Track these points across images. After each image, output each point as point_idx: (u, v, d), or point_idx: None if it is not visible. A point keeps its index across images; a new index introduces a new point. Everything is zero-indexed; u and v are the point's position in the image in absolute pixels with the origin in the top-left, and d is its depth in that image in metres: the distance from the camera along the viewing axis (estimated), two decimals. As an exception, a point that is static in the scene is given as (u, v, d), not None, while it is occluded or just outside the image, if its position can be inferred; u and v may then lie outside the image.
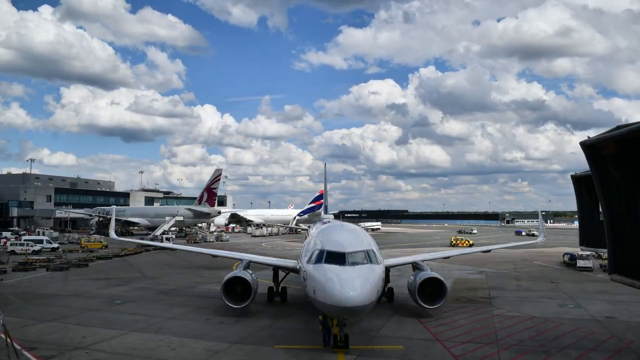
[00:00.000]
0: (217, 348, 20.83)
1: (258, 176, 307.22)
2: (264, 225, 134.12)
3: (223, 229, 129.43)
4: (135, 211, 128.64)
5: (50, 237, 79.92)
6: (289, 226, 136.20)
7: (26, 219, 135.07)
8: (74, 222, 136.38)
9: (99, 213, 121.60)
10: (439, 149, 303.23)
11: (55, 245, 70.83)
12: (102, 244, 74.98)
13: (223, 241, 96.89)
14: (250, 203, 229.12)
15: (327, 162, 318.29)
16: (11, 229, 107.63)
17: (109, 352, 20.13)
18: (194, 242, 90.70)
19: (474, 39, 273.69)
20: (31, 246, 64.93)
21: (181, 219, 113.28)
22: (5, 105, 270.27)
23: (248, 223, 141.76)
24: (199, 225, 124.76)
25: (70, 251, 69.29)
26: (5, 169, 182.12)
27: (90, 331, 23.52)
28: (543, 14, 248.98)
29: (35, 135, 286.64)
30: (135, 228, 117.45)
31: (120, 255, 62.24)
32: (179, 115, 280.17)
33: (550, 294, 34.56)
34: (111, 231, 48.29)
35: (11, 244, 66.79)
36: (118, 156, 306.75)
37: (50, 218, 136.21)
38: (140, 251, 68.40)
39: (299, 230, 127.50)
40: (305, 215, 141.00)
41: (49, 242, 71.11)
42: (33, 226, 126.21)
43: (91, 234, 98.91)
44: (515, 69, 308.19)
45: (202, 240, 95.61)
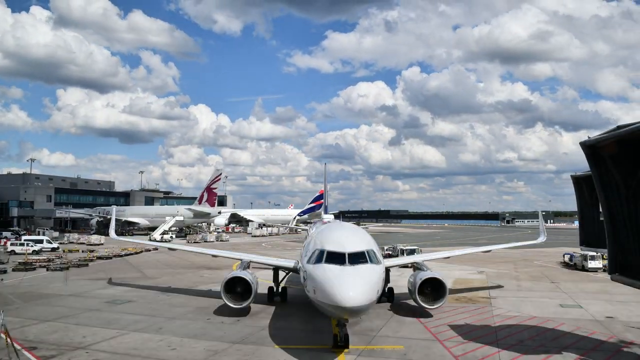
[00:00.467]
0: (217, 348, 20.84)
1: (256, 176, 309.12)
2: (264, 225, 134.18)
3: (223, 228, 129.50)
4: (135, 211, 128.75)
5: (50, 237, 79.99)
6: (289, 226, 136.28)
7: (26, 219, 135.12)
8: (74, 222, 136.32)
9: (99, 213, 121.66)
10: (434, 150, 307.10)
11: (55, 245, 70.93)
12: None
13: (223, 241, 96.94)
14: (250, 203, 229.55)
15: (324, 163, 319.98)
16: (11, 229, 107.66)
17: (109, 352, 20.13)
18: (194, 242, 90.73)
19: (457, 44, 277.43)
20: (31, 246, 65.01)
21: (181, 219, 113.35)
22: (5, 107, 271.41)
23: (248, 223, 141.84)
24: (199, 225, 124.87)
25: (70, 251, 69.36)
26: (5, 169, 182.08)
27: (91, 331, 23.52)
28: (521, 20, 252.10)
29: (34, 136, 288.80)
30: (135, 228, 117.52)
31: (121, 255, 62.29)
32: (176, 117, 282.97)
33: (550, 294, 34.56)
34: (111, 231, 48.28)
35: (11, 244, 66.80)
36: (116, 156, 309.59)
37: (50, 218, 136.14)
38: (141, 251, 68.47)
39: (299, 230, 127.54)
40: (305, 215, 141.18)
41: (49, 242, 71.21)
42: (33, 226, 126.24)
43: (91, 234, 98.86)
44: (499, 71, 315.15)
45: (202, 240, 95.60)
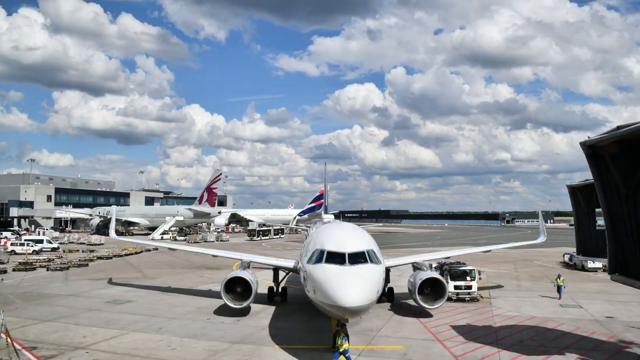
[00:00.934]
0: (217, 348, 20.84)
1: (254, 176, 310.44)
2: (264, 225, 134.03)
3: (223, 228, 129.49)
4: (135, 211, 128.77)
5: (50, 237, 80.00)
6: (289, 226, 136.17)
7: (26, 219, 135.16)
8: (74, 222, 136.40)
9: (99, 213, 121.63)
10: (428, 151, 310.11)
11: (55, 245, 70.96)
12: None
13: (223, 241, 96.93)
14: (250, 203, 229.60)
15: (320, 163, 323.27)
16: (11, 228, 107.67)
17: (109, 352, 20.13)
18: (194, 242, 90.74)
19: (442, 48, 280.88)
20: (31, 246, 65.05)
21: (181, 218, 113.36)
22: (5, 108, 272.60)
23: (248, 223, 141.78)
24: (199, 224, 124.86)
25: (70, 251, 69.37)
26: (5, 169, 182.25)
27: (91, 331, 23.52)
28: (498, 25, 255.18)
29: (32, 137, 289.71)
30: (135, 228, 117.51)
31: (121, 255, 62.30)
32: (173, 119, 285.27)
33: (550, 294, 34.54)
34: (111, 231, 48.28)
35: (11, 244, 66.82)
36: (115, 157, 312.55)
37: (50, 218, 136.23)
38: (141, 251, 68.48)
39: (299, 230, 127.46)
40: (306, 215, 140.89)
41: (49, 242, 71.25)
42: (33, 226, 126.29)
43: (91, 234, 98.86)
44: (483, 74, 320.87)
45: (202, 240, 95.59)
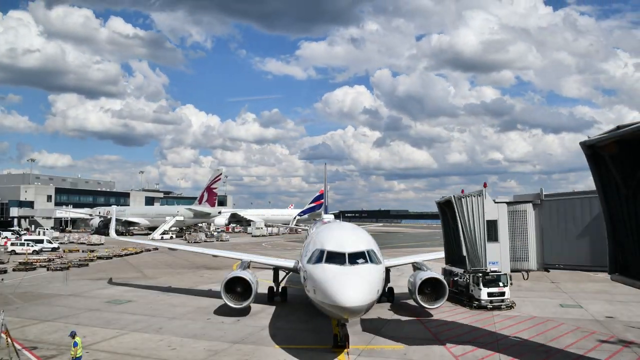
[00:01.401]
0: (217, 348, 20.84)
1: (251, 177, 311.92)
2: (268, 225, 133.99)
3: (223, 228, 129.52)
4: (135, 211, 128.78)
5: (50, 237, 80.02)
6: (289, 226, 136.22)
7: (26, 219, 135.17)
8: (74, 222, 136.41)
9: (99, 213, 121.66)
10: (422, 151, 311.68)
11: (55, 245, 71.00)
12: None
13: (223, 241, 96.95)
14: (250, 203, 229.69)
15: (316, 164, 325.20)
16: (11, 228, 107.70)
17: (109, 352, 20.15)
18: (194, 242, 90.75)
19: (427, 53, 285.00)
20: (31, 246, 65.08)
21: (181, 218, 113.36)
22: (4, 110, 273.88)
23: (248, 223, 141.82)
24: (199, 224, 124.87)
25: (70, 251, 69.38)
26: (5, 170, 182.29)
27: (91, 331, 23.52)
28: (476, 30, 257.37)
29: (31, 138, 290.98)
30: (135, 228, 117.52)
31: (121, 255, 62.31)
32: (170, 121, 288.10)
33: (550, 294, 34.56)
34: (111, 231, 48.34)
35: (12, 244, 66.85)
36: (113, 157, 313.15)
37: (50, 218, 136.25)
38: (141, 251, 68.49)
39: (299, 230, 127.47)
40: (306, 215, 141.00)
41: (49, 242, 71.27)
42: (33, 226, 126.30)
43: (91, 234, 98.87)
44: (470, 78, 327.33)
45: (202, 240, 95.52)
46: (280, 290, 32.21)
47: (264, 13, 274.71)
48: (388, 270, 28.11)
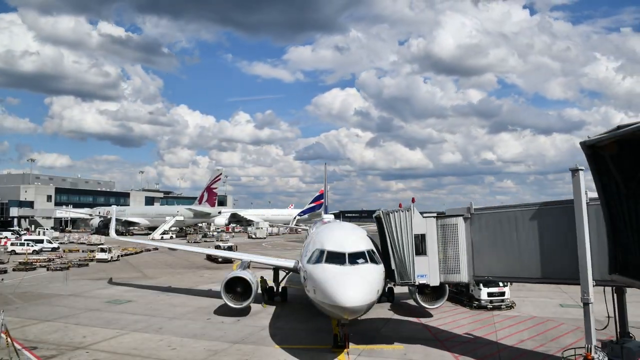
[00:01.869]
0: (217, 348, 20.85)
1: (249, 177, 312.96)
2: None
3: (223, 228, 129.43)
4: (135, 211, 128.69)
5: (50, 237, 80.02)
6: (289, 226, 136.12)
7: (26, 219, 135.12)
8: (74, 222, 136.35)
9: (99, 213, 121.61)
10: (415, 152, 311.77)
11: (55, 245, 70.99)
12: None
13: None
14: (250, 203, 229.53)
15: (313, 164, 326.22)
16: (11, 228, 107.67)
17: (109, 352, 20.14)
18: (194, 242, 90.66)
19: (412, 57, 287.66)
20: (31, 246, 65.08)
21: (181, 218, 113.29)
22: (4, 111, 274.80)
23: (248, 223, 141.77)
24: (199, 224, 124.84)
25: (70, 251, 69.37)
26: (5, 170, 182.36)
27: (91, 331, 23.54)
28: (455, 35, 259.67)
29: (30, 139, 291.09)
30: (135, 228, 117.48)
31: (121, 255, 62.24)
32: (166, 123, 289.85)
33: (550, 294, 34.54)
34: (111, 231, 48.33)
35: (12, 244, 66.84)
36: (111, 157, 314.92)
37: (50, 218, 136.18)
38: (141, 251, 68.47)
39: (299, 230, 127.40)
40: (306, 215, 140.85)
41: (49, 242, 71.26)
42: (33, 226, 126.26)
43: (91, 234, 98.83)
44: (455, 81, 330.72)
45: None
46: (280, 290, 32.21)
47: (249, 24, 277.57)
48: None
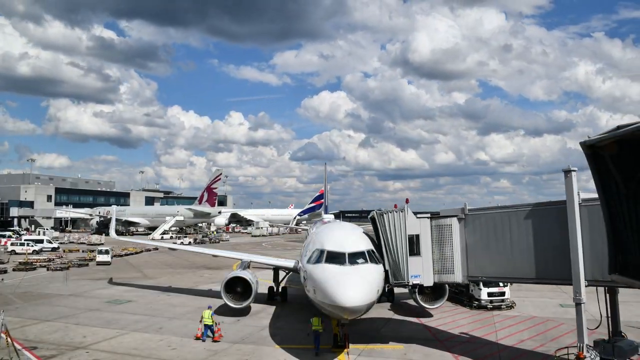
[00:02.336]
0: (217, 348, 20.85)
1: (247, 177, 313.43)
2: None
3: (223, 228, 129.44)
4: (135, 211, 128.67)
5: (50, 237, 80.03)
6: (289, 226, 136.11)
7: (27, 219, 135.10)
8: (74, 222, 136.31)
9: (99, 213, 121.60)
10: (409, 152, 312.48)
11: (55, 245, 71.00)
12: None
13: (223, 241, 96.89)
14: (250, 203, 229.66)
15: (309, 165, 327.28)
16: (12, 228, 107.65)
17: (110, 352, 20.15)
18: (194, 242, 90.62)
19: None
20: (31, 246, 65.09)
21: (181, 218, 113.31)
22: (4, 112, 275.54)
23: (248, 223, 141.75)
24: (199, 224, 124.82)
25: (70, 251, 69.38)
26: (5, 170, 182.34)
27: (91, 331, 23.55)
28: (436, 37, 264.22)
29: (30, 140, 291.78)
30: (135, 228, 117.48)
31: (121, 255, 62.29)
32: (164, 124, 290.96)
33: (550, 294, 34.53)
34: (111, 231, 48.32)
35: (12, 244, 66.84)
36: (110, 157, 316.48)
37: (50, 218, 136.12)
38: (141, 251, 68.48)
39: (299, 230, 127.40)
40: (306, 215, 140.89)
41: (49, 242, 71.27)
42: (33, 226, 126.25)
43: (91, 234, 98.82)
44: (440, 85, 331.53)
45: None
46: (280, 290, 32.21)
47: (232, 31, 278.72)
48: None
